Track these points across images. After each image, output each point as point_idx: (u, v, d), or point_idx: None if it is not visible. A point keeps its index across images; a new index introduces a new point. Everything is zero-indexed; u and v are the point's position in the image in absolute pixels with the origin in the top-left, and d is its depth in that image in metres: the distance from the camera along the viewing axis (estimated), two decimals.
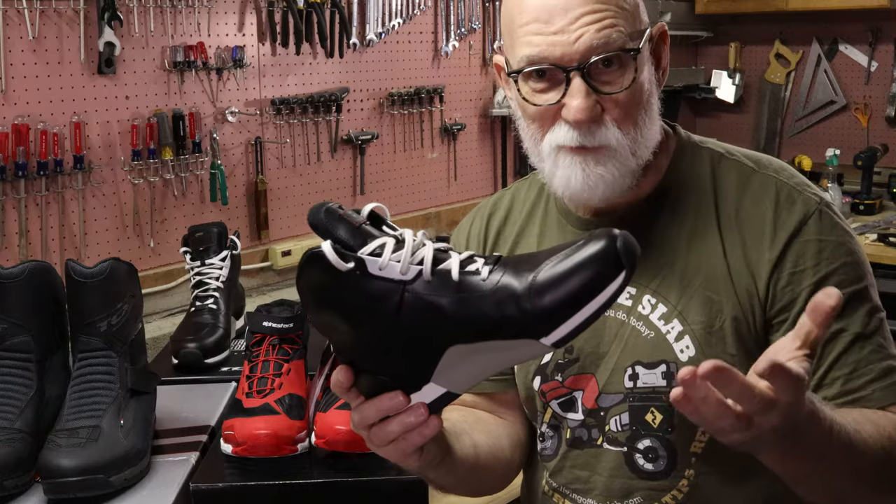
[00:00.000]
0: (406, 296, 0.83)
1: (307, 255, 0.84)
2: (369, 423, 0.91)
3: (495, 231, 1.30)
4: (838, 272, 1.11)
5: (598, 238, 0.78)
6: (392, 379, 0.88)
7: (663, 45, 1.17)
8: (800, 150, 3.98)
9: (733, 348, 1.12)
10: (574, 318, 0.79)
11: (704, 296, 1.13)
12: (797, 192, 1.14)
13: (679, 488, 1.15)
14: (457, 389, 0.88)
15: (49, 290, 1.29)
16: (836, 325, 1.09)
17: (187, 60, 2.46)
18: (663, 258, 1.15)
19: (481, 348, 0.82)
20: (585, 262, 0.78)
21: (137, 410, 1.25)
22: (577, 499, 1.21)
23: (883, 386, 1.09)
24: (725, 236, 1.14)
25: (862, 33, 3.82)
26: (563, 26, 1.05)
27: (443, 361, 0.84)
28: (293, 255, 2.76)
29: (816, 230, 1.12)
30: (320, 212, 0.85)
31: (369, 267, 0.83)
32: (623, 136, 1.09)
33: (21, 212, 2.18)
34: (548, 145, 1.11)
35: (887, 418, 1.06)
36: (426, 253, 0.84)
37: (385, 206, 0.90)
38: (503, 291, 0.80)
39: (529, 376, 1.23)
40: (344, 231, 0.85)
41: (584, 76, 1.06)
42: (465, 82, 3.31)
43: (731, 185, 1.16)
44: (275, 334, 1.30)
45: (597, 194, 1.11)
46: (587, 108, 1.06)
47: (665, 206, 1.17)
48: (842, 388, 1.09)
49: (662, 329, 1.14)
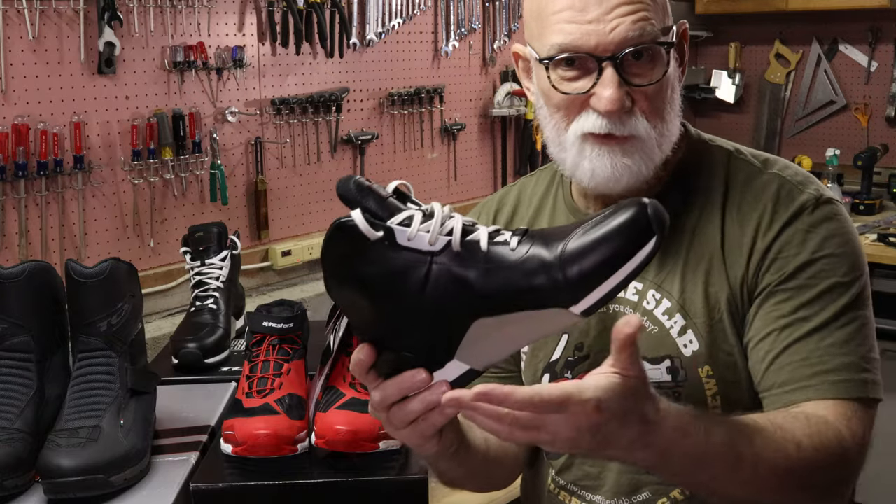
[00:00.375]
0: (434, 267, 0.82)
1: (336, 224, 0.83)
2: (390, 402, 0.89)
3: (502, 227, 1.30)
4: (821, 261, 1.10)
5: (628, 206, 0.79)
6: (415, 356, 0.86)
7: (684, 43, 1.18)
8: (800, 150, 3.98)
9: (732, 339, 1.12)
10: (604, 286, 0.79)
11: (703, 288, 1.13)
12: (798, 189, 1.14)
13: None
14: (479, 366, 0.87)
15: (49, 290, 1.29)
16: (802, 312, 1.08)
17: (187, 60, 2.46)
18: (668, 254, 1.16)
19: (508, 321, 0.82)
20: (618, 229, 0.78)
21: (137, 410, 1.25)
22: (586, 496, 1.21)
23: (833, 380, 1.06)
24: (726, 230, 1.14)
25: (862, 33, 3.82)
26: (599, 16, 1.05)
27: (468, 336, 0.84)
28: (293, 255, 2.76)
29: (808, 221, 1.11)
30: (349, 182, 0.84)
31: (398, 237, 0.82)
32: (651, 127, 1.09)
33: (21, 212, 2.18)
34: (573, 134, 1.11)
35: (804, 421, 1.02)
36: (455, 224, 0.83)
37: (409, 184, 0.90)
38: (533, 261, 0.80)
39: (538, 374, 1.23)
40: (373, 202, 0.84)
41: (617, 67, 1.06)
42: (465, 82, 3.31)
43: (738, 183, 1.17)
44: (275, 334, 1.30)
45: (621, 184, 1.11)
46: (619, 99, 1.06)
47: (673, 202, 1.17)
48: (790, 375, 1.07)
49: (666, 324, 1.14)
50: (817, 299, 1.09)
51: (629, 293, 1.17)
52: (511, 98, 3.38)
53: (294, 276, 2.83)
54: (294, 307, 1.39)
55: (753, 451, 0.97)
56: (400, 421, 0.90)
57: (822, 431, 1.02)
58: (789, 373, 1.07)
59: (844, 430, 1.03)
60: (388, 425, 0.92)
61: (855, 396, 1.06)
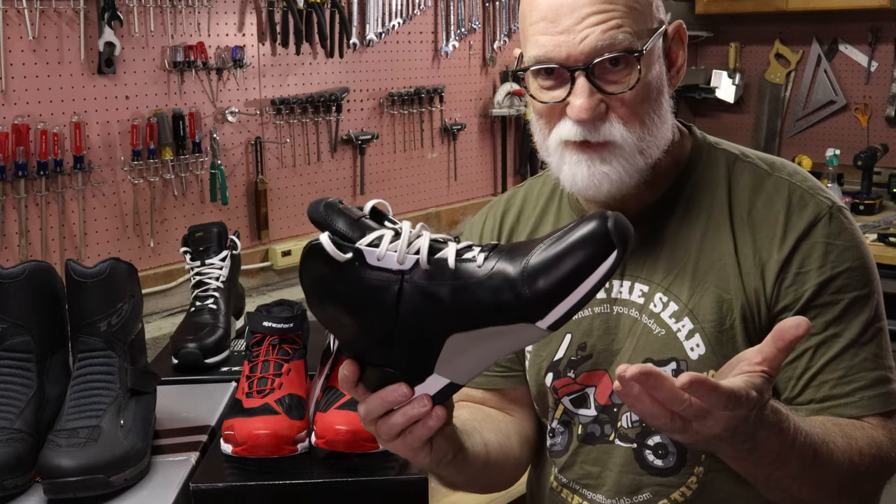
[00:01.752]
0: (405, 286, 0.84)
1: (307, 248, 0.86)
2: (375, 415, 0.91)
3: (509, 228, 1.31)
4: (842, 276, 1.11)
5: (589, 220, 0.79)
6: (397, 371, 0.88)
7: (680, 44, 1.17)
8: (800, 150, 3.98)
9: (743, 347, 1.12)
10: (567, 300, 0.80)
11: (716, 294, 1.13)
12: (809, 196, 1.14)
13: (688, 485, 1.16)
14: (459, 380, 0.88)
15: (49, 290, 1.29)
16: (832, 329, 1.10)
17: (187, 60, 2.46)
18: (676, 257, 1.16)
19: (480, 336, 0.83)
20: (576, 244, 0.78)
21: (137, 410, 1.25)
22: (587, 494, 1.22)
23: (871, 395, 1.10)
24: (738, 236, 1.14)
25: (862, 33, 3.82)
26: (570, 26, 1.07)
27: (444, 351, 0.85)
28: (293, 255, 2.76)
29: (825, 233, 1.12)
30: (319, 206, 0.87)
31: (367, 257, 0.84)
32: (629, 133, 1.09)
33: (21, 212, 2.18)
34: (554, 141, 1.13)
35: (863, 431, 1.07)
36: (422, 242, 0.85)
37: (387, 202, 0.92)
38: (498, 277, 0.81)
39: (542, 373, 1.24)
40: (343, 224, 0.86)
41: (589, 76, 1.07)
42: (465, 82, 3.31)
43: (745, 187, 1.17)
44: (275, 334, 1.30)
45: (602, 191, 1.12)
46: (590, 108, 1.07)
47: (679, 206, 1.18)
48: (829, 392, 1.10)
49: (673, 327, 1.14)
50: (844, 315, 1.11)
51: (634, 295, 1.17)
52: (511, 98, 3.38)
53: (294, 276, 2.83)
54: (294, 307, 1.39)
55: (828, 452, 1.01)
56: (386, 434, 0.92)
57: (878, 441, 1.07)
58: (829, 390, 1.10)
59: (888, 441, 1.08)
60: (379, 439, 0.95)
61: (890, 409, 1.11)
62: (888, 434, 1.09)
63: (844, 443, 1.04)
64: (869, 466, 1.05)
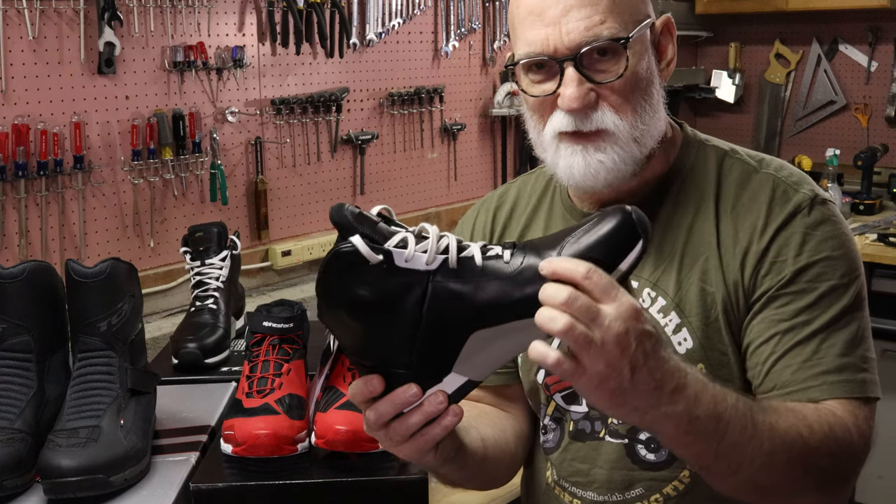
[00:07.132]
0: (430, 286, 0.85)
1: (335, 252, 0.85)
2: (385, 419, 0.90)
3: (501, 224, 1.31)
4: (819, 264, 1.11)
5: (614, 213, 0.84)
6: (408, 372, 0.89)
7: (669, 38, 1.18)
8: (800, 150, 3.98)
9: (727, 339, 1.13)
10: None
11: (699, 287, 1.14)
12: (793, 190, 1.15)
13: (681, 479, 1.16)
14: (478, 377, 0.89)
15: (49, 290, 1.29)
16: (803, 316, 1.09)
17: (187, 60, 2.46)
18: (663, 252, 1.16)
19: (505, 330, 0.85)
20: (607, 236, 0.83)
21: (137, 410, 1.25)
22: (577, 492, 1.22)
23: (834, 380, 1.07)
24: (721, 229, 1.15)
25: (862, 33, 3.82)
26: (555, 19, 1.09)
27: (465, 349, 0.87)
28: (293, 255, 2.76)
29: (804, 223, 1.12)
30: (344, 210, 0.87)
31: (396, 259, 0.85)
32: (621, 120, 1.10)
33: (21, 212, 2.18)
34: (548, 134, 1.14)
35: (816, 411, 1.04)
36: (450, 241, 0.86)
37: (390, 206, 0.93)
38: (528, 271, 0.84)
39: (534, 369, 1.24)
40: (367, 228, 0.86)
41: (578, 66, 1.08)
42: (465, 82, 3.31)
43: (733, 182, 1.17)
44: (275, 334, 1.30)
45: (599, 181, 1.12)
46: (579, 97, 1.08)
47: (667, 200, 1.18)
48: (791, 377, 1.08)
49: (661, 322, 1.15)
50: (817, 302, 1.10)
51: None
52: (511, 98, 3.37)
53: (294, 276, 2.83)
54: (294, 307, 1.39)
55: (768, 421, 0.98)
56: (401, 436, 0.91)
57: (832, 420, 1.04)
58: (791, 374, 1.08)
59: (850, 425, 1.05)
60: (385, 442, 0.94)
61: (856, 396, 1.08)
62: (853, 419, 1.06)
63: (791, 416, 1.01)
64: (820, 442, 1.01)
